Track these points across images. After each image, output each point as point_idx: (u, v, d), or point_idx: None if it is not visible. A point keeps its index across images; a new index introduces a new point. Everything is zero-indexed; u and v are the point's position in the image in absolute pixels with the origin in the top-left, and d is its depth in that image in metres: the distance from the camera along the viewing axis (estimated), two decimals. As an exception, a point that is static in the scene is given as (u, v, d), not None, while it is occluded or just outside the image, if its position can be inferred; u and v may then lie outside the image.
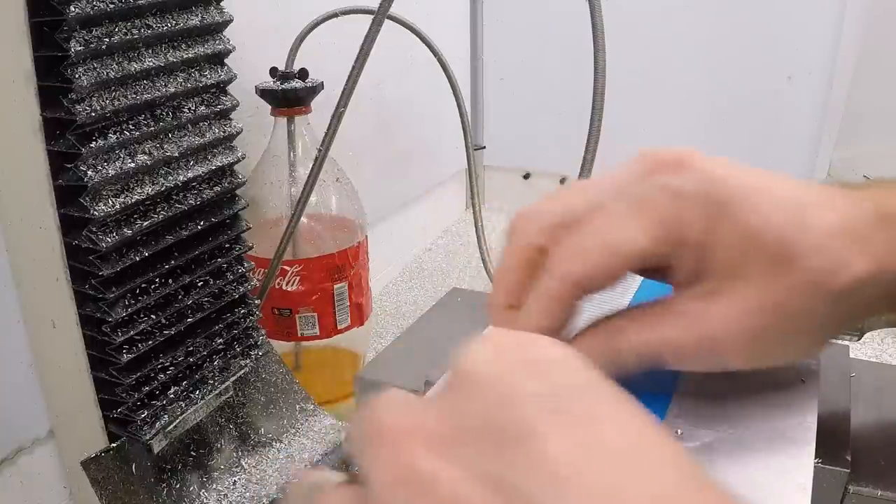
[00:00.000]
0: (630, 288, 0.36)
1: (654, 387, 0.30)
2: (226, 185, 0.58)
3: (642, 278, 0.33)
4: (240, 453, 0.65)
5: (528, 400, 0.18)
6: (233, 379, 0.62)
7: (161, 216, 0.53)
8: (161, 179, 0.53)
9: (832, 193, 0.27)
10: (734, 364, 0.27)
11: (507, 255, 0.29)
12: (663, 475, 0.17)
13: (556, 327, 0.27)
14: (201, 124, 0.56)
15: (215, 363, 0.60)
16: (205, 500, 0.60)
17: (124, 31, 0.48)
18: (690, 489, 0.17)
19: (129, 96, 0.49)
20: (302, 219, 0.71)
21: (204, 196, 0.56)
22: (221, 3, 0.56)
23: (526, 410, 0.18)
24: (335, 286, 0.80)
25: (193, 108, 0.55)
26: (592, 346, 0.28)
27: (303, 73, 0.75)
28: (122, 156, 0.49)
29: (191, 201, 0.55)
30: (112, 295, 0.50)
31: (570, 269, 0.26)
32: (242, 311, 0.62)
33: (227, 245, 0.60)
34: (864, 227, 0.26)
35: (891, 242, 0.26)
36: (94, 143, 0.47)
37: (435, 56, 0.85)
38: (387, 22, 0.65)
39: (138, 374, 0.53)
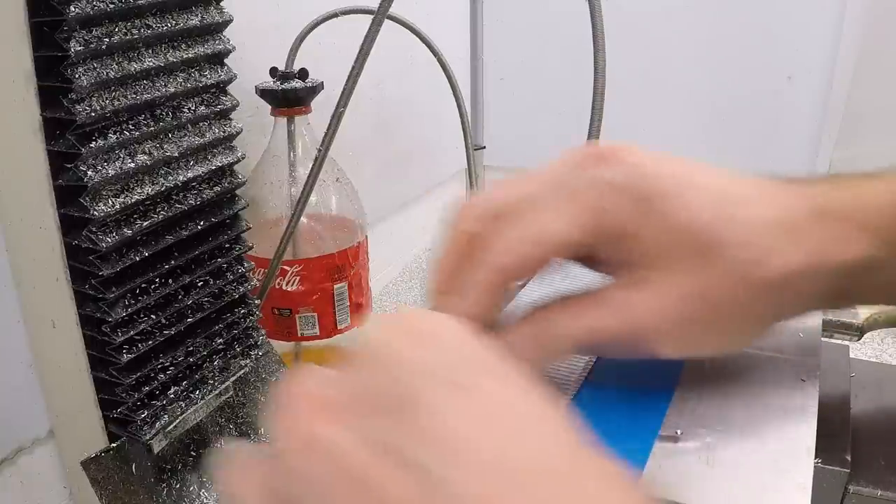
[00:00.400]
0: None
1: (655, 387, 0.30)
2: (226, 185, 0.58)
3: None
4: (240, 453, 0.65)
5: (418, 371, 0.19)
6: (233, 379, 0.62)
7: (161, 216, 0.53)
8: (161, 179, 0.52)
9: (769, 188, 0.27)
10: (662, 352, 0.27)
11: (446, 242, 0.30)
12: (548, 445, 0.18)
13: (487, 312, 0.28)
14: (201, 124, 0.56)
15: (215, 363, 0.60)
16: (205, 500, 0.60)
17: (124, 31, 0.48)
18: (572, 456, 0.18)
19: (129, 96, 0.49)
20: (302, 219, 0.71)
21: (204, 196, 0.56)
22: (221, 3, 0.56)
23: (416, 381, 0.19)
24: (335, 286, 0.80)
25: (193, 108, 0.55)
26: (525, 335, 0.29)
27: (303, 73, 0.75)
28: (122, 156, 0.49)
29: (191, 201, 0.55)
30: (112, 295, 0.50)
31: (497, 258, 0.27)
32: (242, 311, 0.62)
33: (227, 245, 0.60)
34: (798, 220, 0.26)
35: (826, 237, 0.26)
36: (94, 143, 0.47)
37: (435, 56, 0.85)
38: (387, 22, 0.65)
39: (138, 374, 0.53)
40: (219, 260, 0.59)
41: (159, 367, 0.55)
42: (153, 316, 0.54)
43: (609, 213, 0.26)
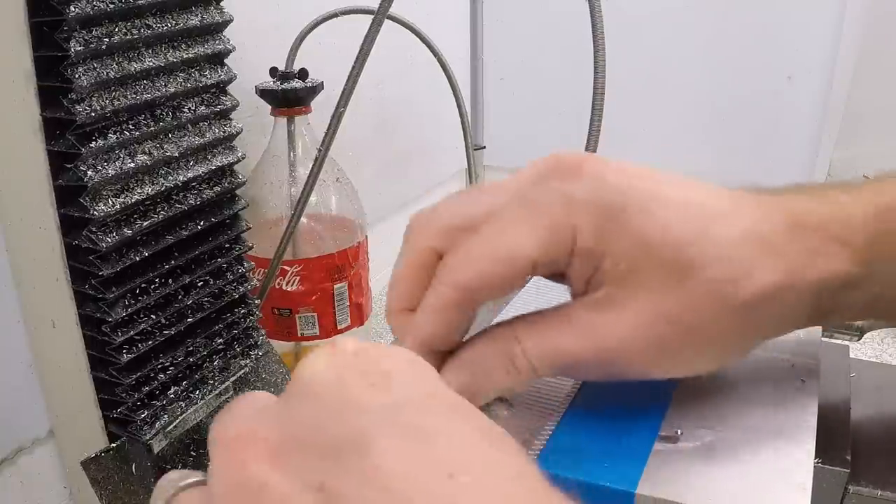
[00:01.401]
0: None
1: (655, 387, 0.30)
2: (226, 185, 0.58)
3: None
4: (240, 453, 0.65)
5: (362, 410, 0.17)
6: (233, 379, 0.62)
7: (161, 216, 0.53)
8: (161, 179, 0.53)
9: (743, 201, 0.26)
10: (631, 376, 0.26)
11: (404, 257, 0.28)
12: (503, 490, 0.17)
13: (448, 334, 0.27)
14: (201, 124, 0.56)
15: (215, 363, 0.60)
16: (205, 500, 0.60)
17: (124, 31, 0.48)
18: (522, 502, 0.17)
19: (129, 96, 0.49)
20: (302, 219, 0.71)
21: (204, 196, 0.56)
22: (221, 3, 0.56)
23: (359, 421, 0.17)
24: (335, 286, 0.80)
25: (193, 108, 0.55)
26: (486, 353, 0.27)
27: (303, 73, 0.75)
28: (122, 156, 0.49)
29: (191, 201, 0.55)
30: (112, 295, 0.50)
31: (459, 276, 0.26)
32: (242, 311, 0.62)
33: (227, 245, 0.60)
34: (774, 235, 0.25)
35: (802, 252, 0.25)
36: (94, 143, 0.47)
37: (435, 56, 0.85)
38: (387, 22, 0.65)
39: (138, 374, 0.53)
40: (219, 260, 0.59)
41: (159, 367, 0.55)
42: (153, 316, 0.54)
43: (571, 229, 0.25)
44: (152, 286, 0.53)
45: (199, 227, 0.56)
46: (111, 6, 0.46)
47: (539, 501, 0.17)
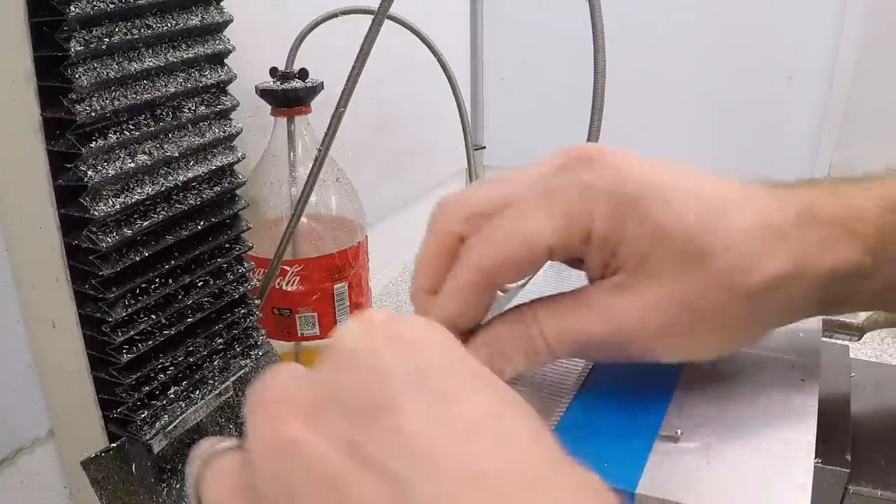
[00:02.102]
0: None
1: (655, 387, 0.30)
2: (226, 185, 0.58)
3: None
4: (240, 453, 0.65)
5: (390, 375, 0.19)
6: (233, 379, 0.62)
7: (161, 216, 0.53)
8: (161, 179, 0.52)
9: (754, 192, 0.27)
10: (646, 358, 0.27)
11: (428, 241, 0.29)
12: (519, 453, 0.18)
13: (469, 313, 0.28)
14: (201, 124, 0.56)
15: (215, 363, 0.60)
16: (205, 500, 0.60)
17: (124, 31, 0.48)
18: (552, 470, 0.18)
19: (129, 96, 0.49)
20: (302, 219, 0.71)
21: (204, 196, 0.56)
22: (221, 3, 0.56)
23: (388, 385, 0.18)
24: (335, 286, 0.80)
25: (193, 108, 0.55)
26: (505, 334, 0.28)
27: (303, 73, 0.75)
28: (122, 156, 0.49)
29: (191, 201, 0.55)
30: (112, 295, 0.50)
31: (480, 259, 0.27)
32: (242, 311, 0.62)
33: (227, 245, 0.60)
34: (784, 226, 0.26)
35: (812, 241, 0.26)
36: (94, 143, 0.47)
37: (435, 56, 0.85)
38: (387, 22, 0.65)
39: (138, 374, 0.53)
40: (219, 260, 0.59)
41: (159, 367, 0.55)
42: (153, 316, 0.54)
43: (589, 216, 0.26)
44: (152, 286, 0.53)
45: (199, 227, 0.56)
46: (111, 6, 0.46)
47: (553, 466, 0.18)
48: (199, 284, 0.57)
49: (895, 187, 0.28)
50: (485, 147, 1.48)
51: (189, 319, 0.57)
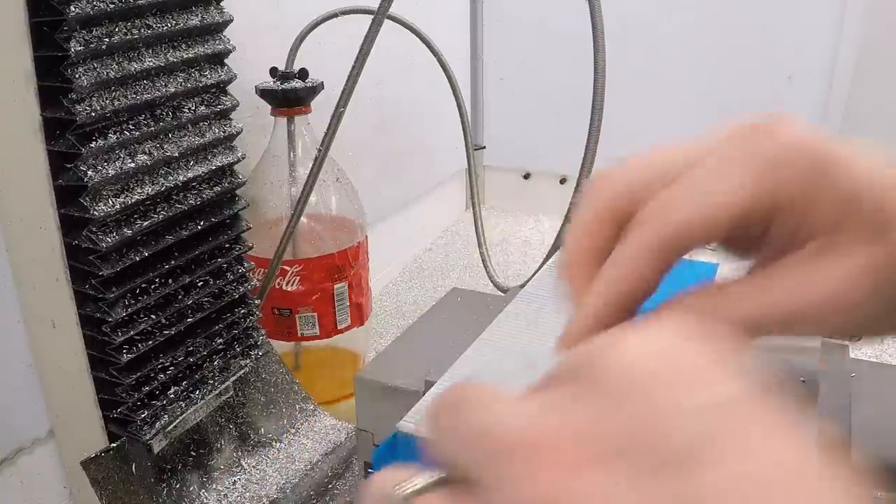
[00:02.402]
0: None
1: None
2: (226, 185, 0.58)
3: None
4: (240, 453, 0.65)
5: (685, 417, 0.16)
6: (233, 379, 0.62)
7: (161, 216, 0.53)
8: (161, 179, 0.53)
9: None
10: (847, 331, 0.26)
11: (588, 214, 0.26)
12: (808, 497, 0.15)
13: (640, 292, 0.25)
14: (201, 124, 0.56)
15: (215, 363, 0.60)
16: (205, 500, 0.60)
17: (124, 31, 0.48)
18: None
19: (129, 96, 0.49)
20: (302, 219, 0.71)
21: (204, 196, 0.56)
22: (221, 3, 0.56)
23: (683, 430, 0.16)
24: (335, 286, 0.80)
25: (193, 108, 0.55)
26: (695, 314, 0.25)
27: (303, 73, 0.75)
28: (122, 156, 0.49)
29: (191, 201, 0.55)
30: (112, 295, 0.50)
31: (662, 225, 0.24)
32: (242, 311, 0.62)
33: (227, 245, 0.60)
34: None
35: None
36: (94, 143, 0.47)
37: (435, 56, 0.85)
38: (387, 22, 0.65)
39: (138, 374, 0.53)
40: (219, 260, 0.59)
41: (159, 367, 0.55)
42: (153, 316, 0.54)
43: (779, 182, 0.24)
44: (152, 286, 0.53)
45: (199, 227, 0.56)
46: (111, 6, 0.46)
47: None
48: (199, 284, 0.58)
49: None
50: (485, 147, 1.48)
51: (189, 319, 0.57)
